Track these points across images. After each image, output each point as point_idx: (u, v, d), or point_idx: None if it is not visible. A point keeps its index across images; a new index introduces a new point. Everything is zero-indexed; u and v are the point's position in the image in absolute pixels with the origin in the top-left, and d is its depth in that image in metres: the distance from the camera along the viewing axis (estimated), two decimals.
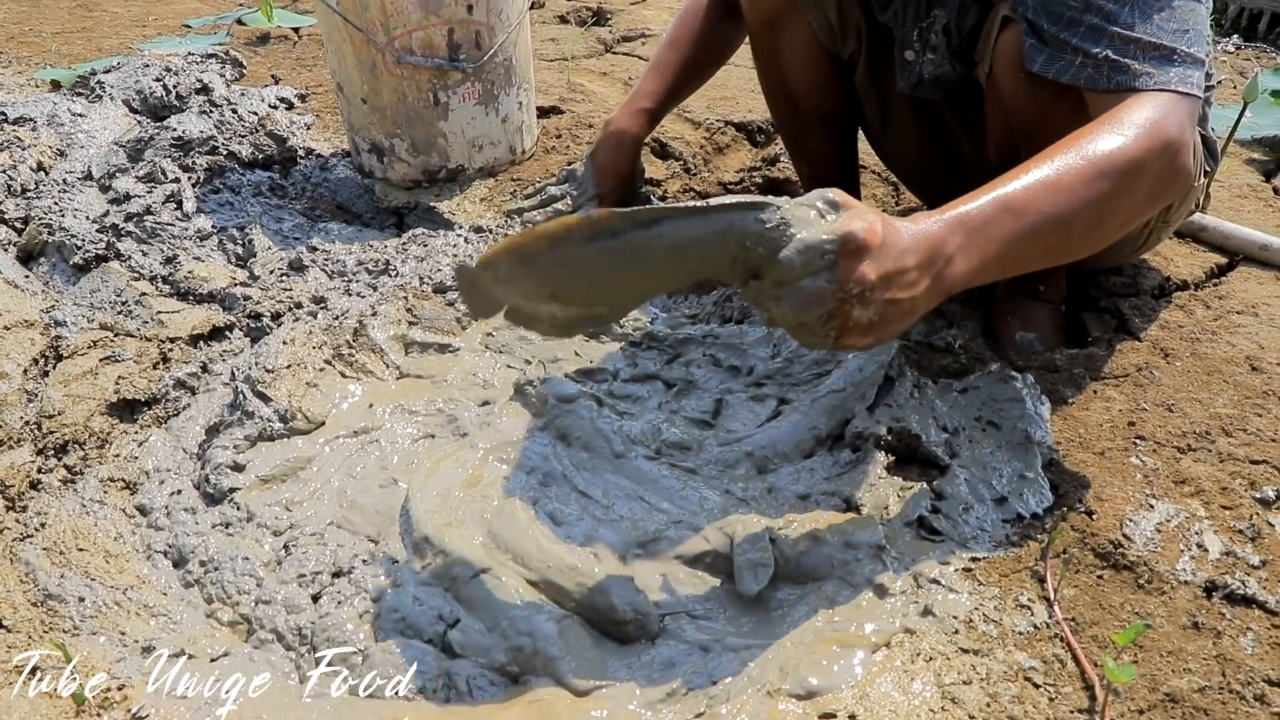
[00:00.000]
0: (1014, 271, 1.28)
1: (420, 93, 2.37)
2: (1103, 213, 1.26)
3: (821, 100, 1.98)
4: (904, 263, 1.13)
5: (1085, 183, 1.23)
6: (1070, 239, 1.26)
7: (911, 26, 1.71)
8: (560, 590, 1.26)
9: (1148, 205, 1.33)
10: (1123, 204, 1.27)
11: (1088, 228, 1.26)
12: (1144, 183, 1.27)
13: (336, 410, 1.69)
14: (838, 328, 1.12)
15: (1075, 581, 1.28)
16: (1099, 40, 1.35)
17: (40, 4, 4.48)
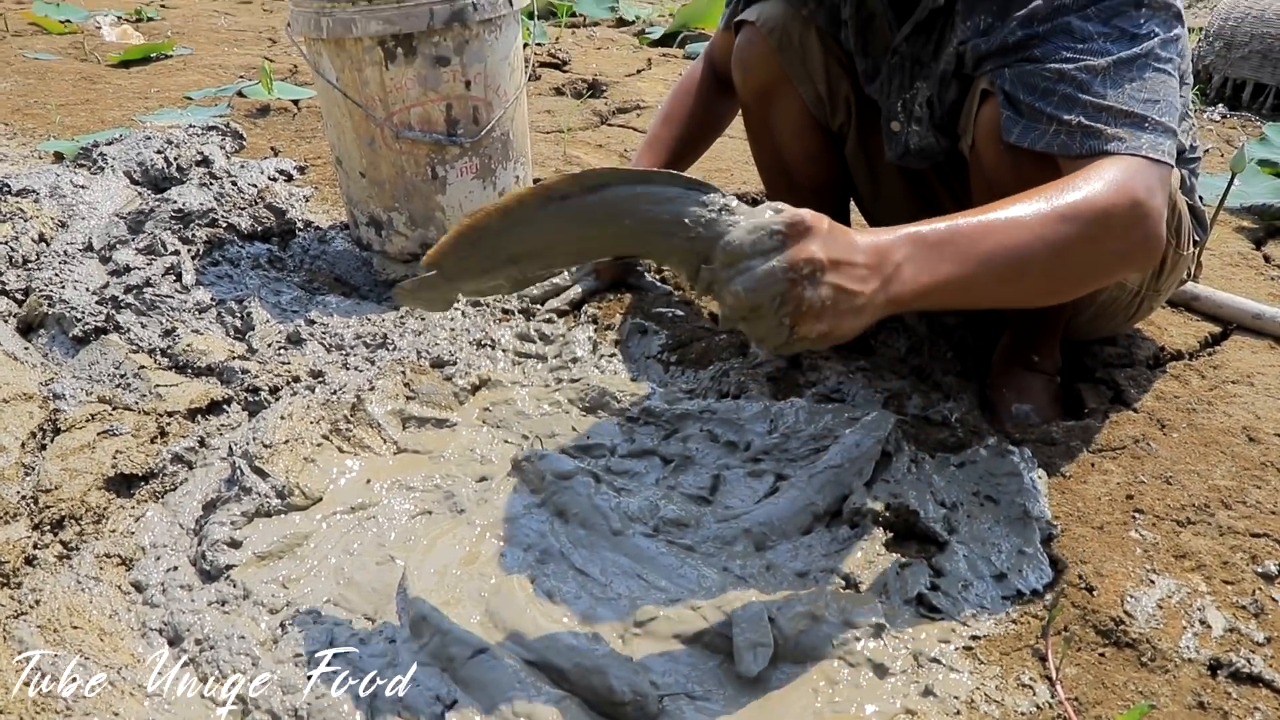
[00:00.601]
0: (970, 301, 1.31)
1: (418, 167, 2.39)
2: (1062, 256, 1.27)
3: (814, 171, 2.01)
4: (853, 256, 1.15)
5: (1045, 223, 1.25)
6: (1026, 276, 1.27)
7: (896, 98, 1.75)
8: (558, 671, 1.25)
9: (1114, 262, 1.36)
10: (1084, 252, 1.29)
11: (1046, 269, 1.27)
12: (1108, 235, 1.29)
13: (334, 486, 1.68)
14: (791, 313, 1.12)
15: (1077, 659, 1.28)
16: (1072, 108, 1.38)
17: (46, 77, 4.54)
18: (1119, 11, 1.38)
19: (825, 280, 1.13)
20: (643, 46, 5.31)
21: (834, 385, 1.88)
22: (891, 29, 1.70)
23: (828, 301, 1.13)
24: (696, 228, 1.14)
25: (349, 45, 2.25)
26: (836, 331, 1.16)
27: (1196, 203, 1.81)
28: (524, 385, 1.97)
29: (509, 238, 1.22)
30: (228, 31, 5.72)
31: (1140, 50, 1.37)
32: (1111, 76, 1.37)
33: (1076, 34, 1.39)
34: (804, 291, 1.12)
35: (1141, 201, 1.30)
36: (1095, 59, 1.37)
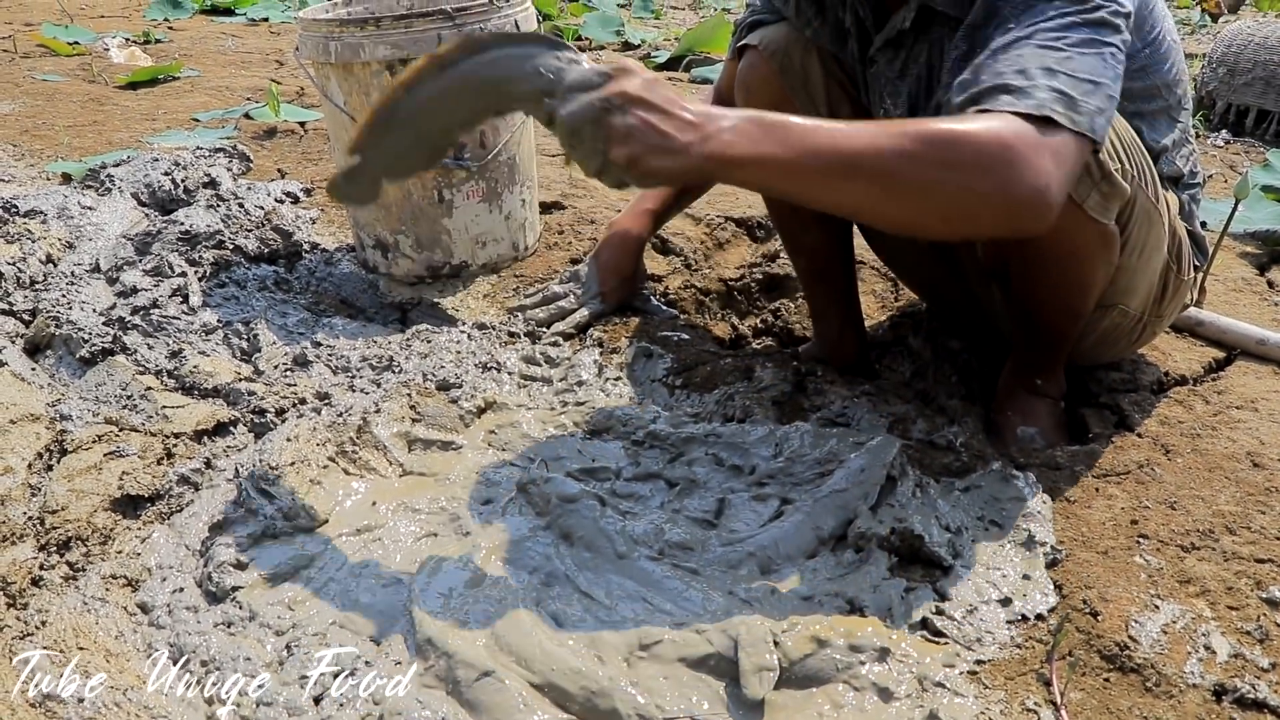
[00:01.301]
0: (799, 190, 1.33)
1: (425, 190, 2.41)
2: (894, 170, 1.27)
3: None
4: (672, 107, 1.28)
5: (887, 135, 1.27)
6: (855, 179, 1.28)
7: (877, 109, 1.79)
8: (564, 693, 1.25)
9: (962, 197, 1.29)
10: (921, 174, 1.27)
11: (875, 177, 1.28)
12: (956, 167, 1.26)
13: (340, 508, 1.69)
14: (604, 138, 1.27)
15: (1082, 684, 1.28)
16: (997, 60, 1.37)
17: (54, 98, 4.57)
18: (1029, 6, 1.38)
19: (634, 113, 1.26)
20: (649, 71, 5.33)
21: (839, 409, 1.88)
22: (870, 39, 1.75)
23: (634, 132, 1.26)
24: (548, 74, 1.34)
25: (357, 69, 2.27)
26: (644, 163, 1.27)
27: (1197, 228, 1.82)
28: (529, 408, 1.98)
29: (416, 108, 1.40)
30: (235, 54, 5.75)
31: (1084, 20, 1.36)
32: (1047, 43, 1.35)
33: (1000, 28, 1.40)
34: (614, 119, 1.26)
35: (1012, 147, 1.26)
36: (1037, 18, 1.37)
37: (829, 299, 2.17)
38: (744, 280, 2.65)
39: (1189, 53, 5.33)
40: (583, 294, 2.32)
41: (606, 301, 2.32)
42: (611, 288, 2.32)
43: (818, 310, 2.21)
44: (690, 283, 2.57)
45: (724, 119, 1.28)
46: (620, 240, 2.33)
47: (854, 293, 2.19)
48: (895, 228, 1.39)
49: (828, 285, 2.15)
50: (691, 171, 1.29)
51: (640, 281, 2.41)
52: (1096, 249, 1.62)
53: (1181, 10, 7.57)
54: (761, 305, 2.62)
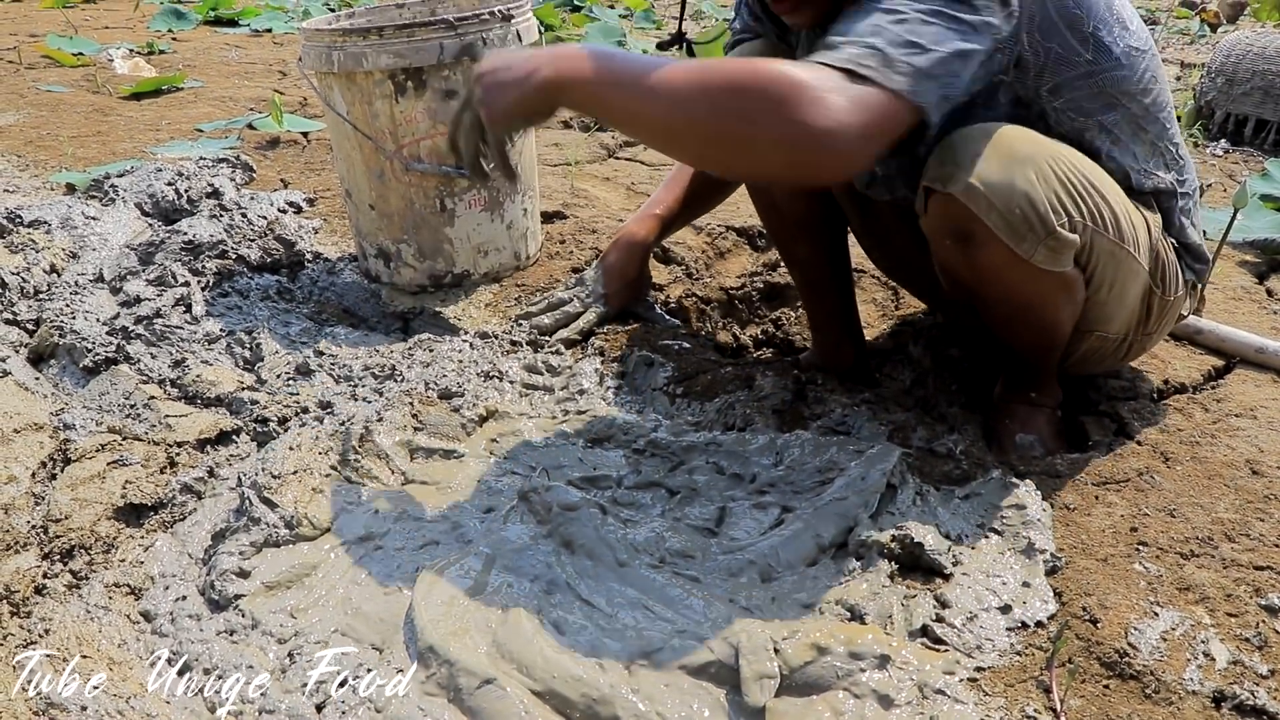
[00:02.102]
0: (612, 114, 1.42)
1: (427, 199, 2.42)
2: (688, 98, 1.30)
3: (801, 208, 2.02)
4: (513, 59, 1.45)
5: (689, 69, 1.31)
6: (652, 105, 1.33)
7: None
8: (565, 701, 1.26)
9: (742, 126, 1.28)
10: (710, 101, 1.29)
11: (673, 105, 1.31)
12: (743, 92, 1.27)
13: (342, 516, 1.69)
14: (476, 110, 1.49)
15: (1081, 691, 1.28)
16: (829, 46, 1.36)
17: (58, 109, 4.58)
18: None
19: (484, 83, 1.47)
20: None
21: (839, 418, 1.89)
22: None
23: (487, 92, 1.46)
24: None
25: (360, 79, 2.28)
26: (494, 106, 1.46)
27: (1192, 238, 1.79)
28: (531, 417, 1.98)
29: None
30: (238, 64, 5.77)
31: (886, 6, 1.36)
32: (878, 9, 1.36)
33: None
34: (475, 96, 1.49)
35: (802, 86, 1.24)
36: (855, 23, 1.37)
37: (825, 310, 2.17)
38: (745, 289, 2.66)
39: (1188, 63, 5.34)
40: (587, 297, 2.33)
41: (611, 304, 2.33)
42: (616, 290, 2.33)
43: (815, 321, 2.22)
44: (691, 291, 2.58)
45: (566, 53, 1.41)
46: (627, 244, 2.34)
47: (851, 303, 2.19)
48: (692, 158, 1.56)
49: (823, 296, 2.16)
50: (530, 97, 1.42)
51: (645, 287, 2.42)
52: (1055, 294, 1.63)
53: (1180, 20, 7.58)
54: (762, 314, 2.63)
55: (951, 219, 1.54)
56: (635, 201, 3.19)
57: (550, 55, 1.41)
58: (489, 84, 1.45)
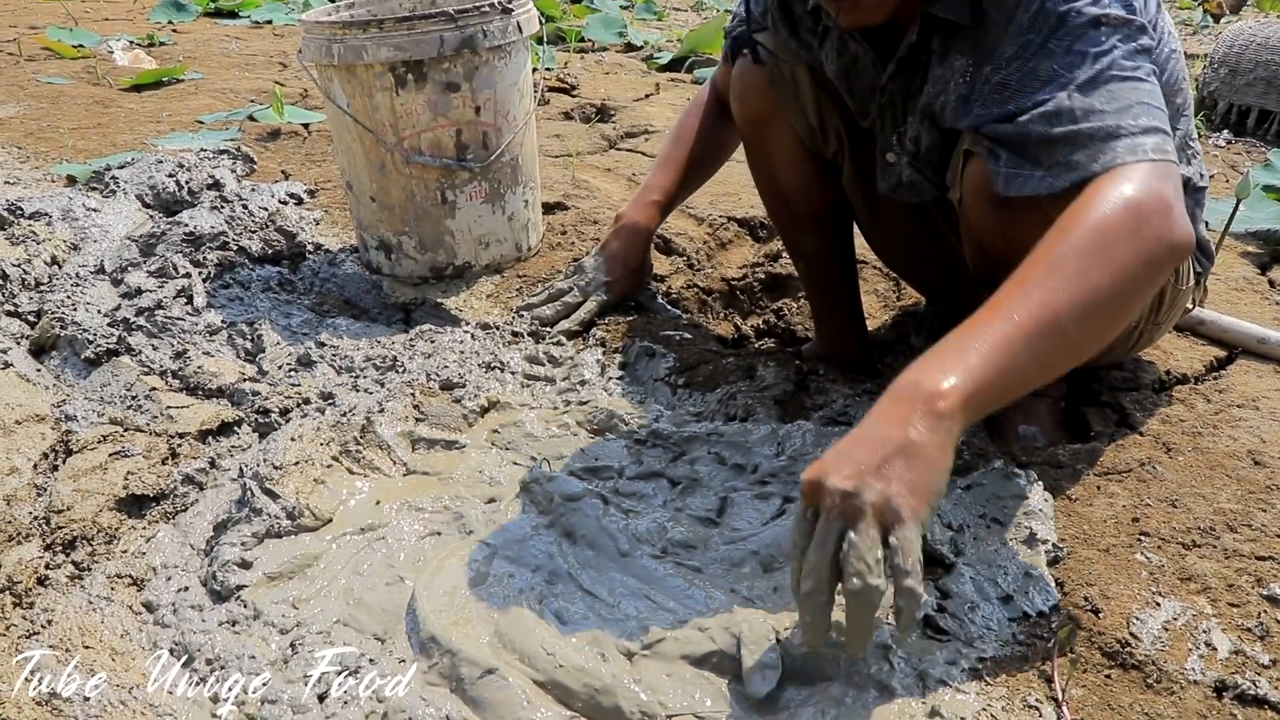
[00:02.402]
0: (1028, 379, 1.24)
1: (428, 191, 2.41)
2: (1087, 296, 1.21)
3: (810, 199, 2.02)
4: (858, 445, 1.15)
5: (1055, 276, 1.21)
6: (1064, 330, 1.21)
7: (890, 133, 1.75)
8: (567, 691, 1.26)
9: (1140, 270, 1.25)
10: (1105, 280, 1.22)
11: (1081, 314, 1.21)
12: (1122, 250, 1.23)
13: (344, 507, 1.69)
14: (871, 522, 1.10)
15: (1083, 681, 1.28)
16: (1051, 150, 1.37)
17: (58, 101, 4.58)
18: (1078, 34, 1.37)
19: (861, 479, 1.12)
20: (651, 71, 5.34)
21: (841, 408, 1.89)
22: (877, 69, 1.70)
23: (880, 485, 1.12)
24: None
25: (360, 71, 2.27)
26: (920, 489, 1.13)
27: (1201, 232, 1.80)
28: (533, 407, 1.98)
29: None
30: (239, 56, 5.76)
31: (1101, 67, 1.35)
32: (1078, 104, 1.35)
33: (1042, 74, 1.39)
34: (856, 503, 1.11)
35: (1132, 198, 1.25)
36: (1061, 93, 1.37)
37: (830, 302, 2.17)
38: (746, 280, 2.66)
39: (1190, 53, 5.33)
40: (588, 285, 2.32)
41: (612, 292, 2.32)
42: (618, 278, 2.32)
43: (819, 313, 2.21)
44: (693, 282, 2.58)
45: (912, 383, 1.18)
46: (629, 231, 2.33)
47: (855, 296, 2.19)
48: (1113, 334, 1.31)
49: (828, 289, 2.15)
50: (951, 446, 1.17)
51: (647, 274, 2.41)
52: None
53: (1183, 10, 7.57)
54: (764, 305, 2.63)
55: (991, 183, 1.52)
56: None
57: (887, 403, 1.18)
58: (872, 472, 1.12)
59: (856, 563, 1.09)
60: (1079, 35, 1.37)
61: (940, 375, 1.16)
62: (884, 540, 1.11)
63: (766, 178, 2.06)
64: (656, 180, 2.33)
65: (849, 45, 1.72)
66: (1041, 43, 1.40)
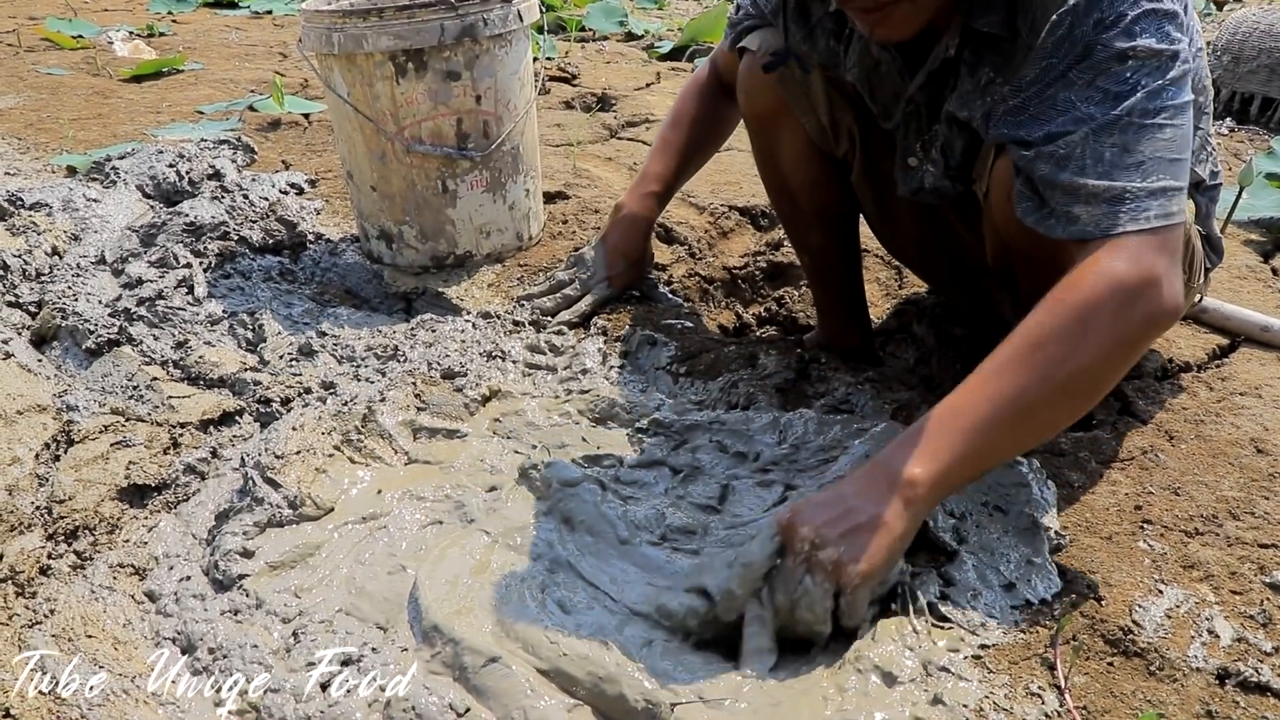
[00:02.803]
0: (1000, 458, 1.39)
1: (429, 181, 2.41)
2: (1061, 382, 1.28)
3: (818, 196, 2.01)
4: (835, 505, 1.29)
5: (1030, 362, 1.28)
6: (1037, 414, 1.30)
7: (915, 139, 1.73)
8: (571, 679, 1.26)
9: (1126, 352, 1.32)
10: (1084, 365, 1.28)
11: (1053, 399, 1.29)
12: (1103, 337, 1.27)
13: (345, 496, 1.69)
14: (828, 577, 1.25)
15: (1086, 668, 1.28)
16: (1053, 188, 1.37)
17: (58, 92, 4.57)
18: (1101, 70, 1.34)
19: (828, 537, 1.26)
20: (652, 60, 5.33)
21: (842, 396, 1.88)
22: (903, 77, 1.67)
23: (844, 549, 1.25)
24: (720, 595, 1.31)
25: (360, 60, 2.27)
26: (877, 564, 1.26)
27: (1213, 230, 1.79)
28: (534, 396, 1.98)
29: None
30: (239, 46, 5.75)
31: (1124, 112, 1.32)
32: (1091, 150, 1.34)
33: (1060, 105, 1.37)
34: (819, 555, 1.26)
35: (1128, 285, 1.28)
36: (1070, 131, 1.35)
37: (834, 295, 2.16)
38: (748, 268, 2.65)
39: None
40: (589, 278, 2.31)
41: (614, 285, 2.31)
42: (620, 271, 2.31)
43: (822, 305, 2.21)
44: (694, 271, 2.58)
45: (887, 462, 1.30)
46: (629, 222, 2.30)
47: (859, 288, 2.18)
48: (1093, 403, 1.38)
49: (832, 282, 2.15)
50: (913, 528, 1.30)
51: (648, 265, 2.40)
52: None
53: None
54: (765, 293, 2.63)
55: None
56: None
57: (868, 475, 1.31)
58: (844, 533, 1.26)
59: (806, 612, 1.27)
60: (1102, 70, 1.34)
61: (916, 464, 1.28)
62: (835, 594, 1.26)
63: (773, 174, 2.05)
64: (654, 168, 2.30)
65: (871, 51, 1.70)
66: (1064, 71, 1.37)
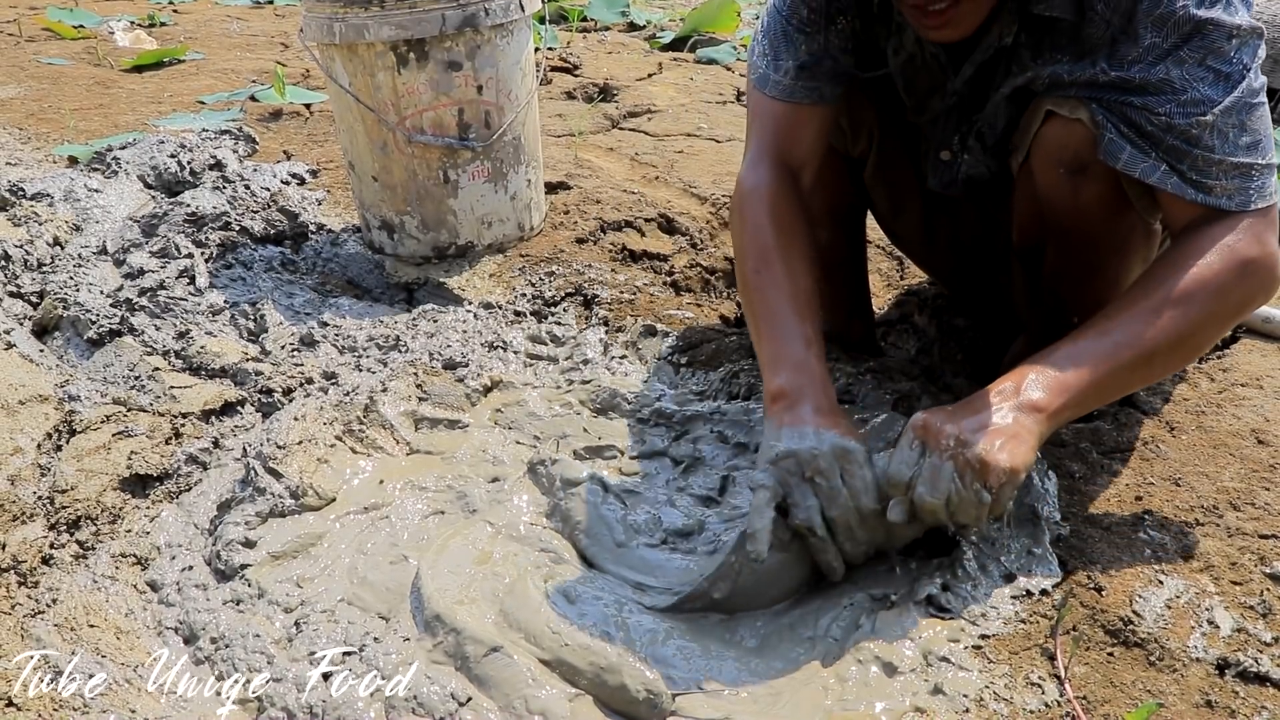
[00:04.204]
0: (1107, 401, 1.46)
1: (430, 171, 2.41)
2: (1183, 338, 1.37)
3: (829, 197, 1.99)
4: (971, 404, 1.33)
5: (1163, 316, 1.35)
6: (1154, 364, 1.38)
7: (952, 132, 1.71)
8: (573, 669, 1.26)
9: (1233, 319, 1.45)
10: (1204, 327, 1.38)
11: (1170, 352, 1.38)
12: (1225, 305, 1.37)
13: (347, 486, 1.70)
14: (975, 476, 1.27)
15: (1086, 659, 1.28)
16: (1182, 158, 1.39)
17: (59, 82, 4.56)
18: (1212, 49, 1.36)
19: (971, 436, 1.29)
20: (654, 51, 5.32)
21: (844, 387, 1.88)
22: (945, 71, 1.64)
23: (989, 446, 1.28)
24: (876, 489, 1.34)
25: (361, 50, 2.27)
26: (1018, 458, 1.29)
27: None
28: (536, 387, 1.98)
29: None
30: (240, 37, 5.74)
31: (1241, 93, 1.36)
32: (1218, 129, 1.37)
33: (1176, 84, 1.37)
34: (966, 453, 1.28)
35: (1252, 259, 1.37)
36: (1200, 111, 1.37)
37: (839, 290, 2.15)
38: None
39: None
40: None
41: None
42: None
43: (827, 301, 2.19)
44: (696, 262, 2.57)
45: (1011, 380, 1.35)
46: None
47: (864, 285, 2.17)
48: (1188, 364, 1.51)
49: (838, 277, 2.13)
50: (1037, 448, 1.33)
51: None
52: (1139, 244, 1.63)
53: None
54: None
55: (1070, 148, 1.51)
56: (639, 172, 3.18)
57: (994, 388, 1.36)
58: (988, 436, 1.29)
59: (961, 514, 1.30)
60: (1212, 50, 1.36)
61: (1044, 393, 1.33)
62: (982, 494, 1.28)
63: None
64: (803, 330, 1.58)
65: (906, 44, 1.65)
66: (1170, 49, 1.37)
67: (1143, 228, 1.60)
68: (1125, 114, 1.43)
